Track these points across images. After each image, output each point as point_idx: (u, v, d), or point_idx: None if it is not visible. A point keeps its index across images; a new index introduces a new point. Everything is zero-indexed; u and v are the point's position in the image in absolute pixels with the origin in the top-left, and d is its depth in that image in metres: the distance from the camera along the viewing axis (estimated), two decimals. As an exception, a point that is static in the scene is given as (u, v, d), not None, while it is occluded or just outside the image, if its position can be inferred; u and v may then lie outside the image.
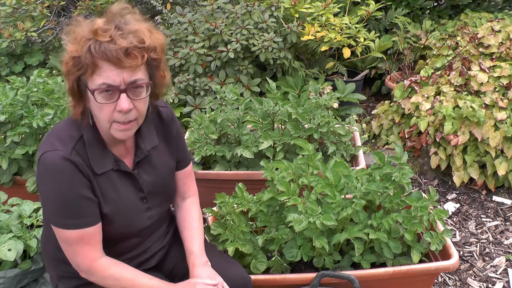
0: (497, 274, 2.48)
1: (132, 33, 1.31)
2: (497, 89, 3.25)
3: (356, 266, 1.92)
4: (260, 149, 2.48)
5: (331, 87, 3.69)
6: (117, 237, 1.52)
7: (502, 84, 3.23)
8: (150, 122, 1.56)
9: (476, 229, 2.81)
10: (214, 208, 1.98)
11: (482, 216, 2.92)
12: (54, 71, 3.88)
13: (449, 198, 3.09)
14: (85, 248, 1.42)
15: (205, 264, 1.59)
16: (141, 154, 1.53)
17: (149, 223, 1.57)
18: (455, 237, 2.76)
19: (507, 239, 2.72)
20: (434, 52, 4.01)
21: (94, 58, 1.28)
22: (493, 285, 2.41)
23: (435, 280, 2.41)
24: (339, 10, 4.05)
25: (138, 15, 1.38)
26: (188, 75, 3.54)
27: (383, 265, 1.92)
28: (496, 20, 4.10)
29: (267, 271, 1.90)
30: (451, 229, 2.81)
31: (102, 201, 1.44)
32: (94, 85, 1.31)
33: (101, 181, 1.44)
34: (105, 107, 1.34)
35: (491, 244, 2.69)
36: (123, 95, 1.33)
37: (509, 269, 2.50)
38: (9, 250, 1.88)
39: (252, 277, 1.76)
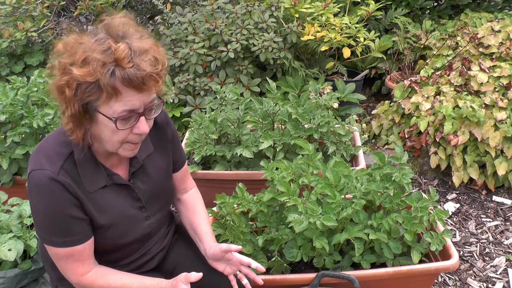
0: (497, 274, 2.48)
1: (147, 53, 1.24)
2: (497, 89, 3.25)
3: (356, 266, 1.92)
4: (260, 149, 2.48)
5: (331, 87, 3.69)
6: (117, 246, 1.52)
7: (502, 84, 3.23)
8: None
9: (476, 229, 2.81)
10: (214, 209, 1.98)
11: (482, 216, 2.92)
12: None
13: (449, 198, 3.09)
14: (74, 264, 1.41)
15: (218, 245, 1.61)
16: (136, 164, 1.50)
17: (149, 230, 1.57)
18: (455, 237, 2.76)
19: (507, 239, 2.72)
20: (434, 52, 4.01)
21: (116, 85, 1.21)
22: (493, 285, 2.42)
23: (435, 280, 2.42)
24: (339, 10, 4.05)
25: (138, 27, 1.31)
26: (188, 75, 3.54)
27: (383, 265, 1.92)
28: (496, 20, 4.10)
29: (267, 272, 1.91)
30: (451, 229, 2.81)
31: (97, 215, 1.41)
32: (114, 113, 1.25)
33: (95, 196, 1.41)
34: (121, 131, 1.30)
35: (491, 244, 2.69)
36: (142, 118, 1.30)
37: (509, 269, 2.50)
38: (9, 250, 1.88)
39: (252, 277, 1.77)
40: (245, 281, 1.57)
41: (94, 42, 1.22)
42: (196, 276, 1.44)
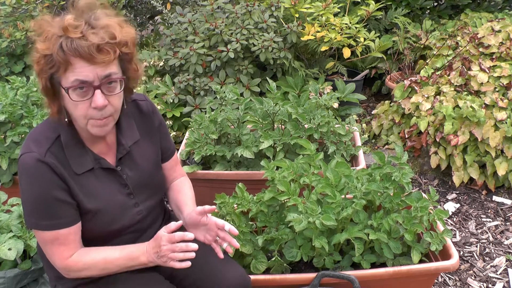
0: (497, 274, 2.48)
1: (103, 28, 1.31)
2: (497, 89, 3.25)
3: (356, 266, 1.92)
4: (260, 149, 2.48)
5: (331, 87, 3.68)
6: (109, 233, 1.52)
7: (502, 84, 3.23)
8: (130, 117, 1.56)
9: (476, 229, 2.81)
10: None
11: (482, 216, 2.92)
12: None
13: (449, 198, 3.09)
14: (60, 248, 1.43)
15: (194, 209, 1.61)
16: (123, 150, 1.53)
17: (139, 218, 1.57)
18: (455, 237, 2.76)
19: (507, 239, 2.72)
20: (434, 52, 4.01)
21: (66, 55, 1.28)
22: (493, 285, 2.41)
23: (435, 280, 2.41)
24: (339, 10, 4.04)
25: (108, 9, 1.38)
26: (188, 75, 3.54)
27: (383, 265, 1.92)
28: (496, 20, 4.10)
29: (267, 271, 1.91)
30: (451, 229, 2.81)
31: (84, 200, 1.44)
32: (68, 83, 1.31)
33: (82, 180, 1.44)
34: (80, 104, 1.34)
35: (491, 244, 2.69)
36: (98, 92, 1.33)
37: (509, 269, 2.50)
38: (9, 249, 1.88)
39: (252, 277, 1.77)
40: (225, 245, 1.57)
41: (58, 20, 1.32)
42: (176, 224, 1.45)
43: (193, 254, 1.44)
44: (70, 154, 1.42)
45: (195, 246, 1.43)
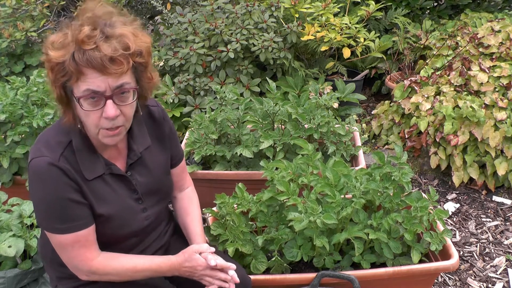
0: (497, 274, 2.48)
1: (117, 38, 1.28)
2: (497, 89, 3.25)
3: (356, 266, 1.92)
4: (260, 148, 2.48)
5: (331, 87, 3.69)
6: (115, 238, 1.52)
7: (502, 84, 3.23)
8: (142, 122, 1.55)
9: (476, 229, 2.81)
10: (214, 209, 1.98)
11: (482, 216, 2.92)
12: None
13: (449, 198, 3.09)
14: (80, 250, 1.41)
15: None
16: (134, 156, 1.52)
17: (147, 223, 1.57)
18: (455, 237, 2.76)
19: (507, 239, 2.72)
20: (434, 52, 4.01)
21: (78, 66, 1.26)
22: (493, 285, 2.42)
23: (435, 280, 2.42)
24: (339, 10, 4.04)
25: (124, 17, 1.36)
26: (188, 75, 3.54)
27: (383, 265, 1.92)
28: (496, 20, 4.10)
29: (267, 271, 1.91)
30: (451, 229, 2.81)
31: (95, 204, 1.43)
32: (79, 92, 1.29)
33: (93, 185, 1.43)
34: (91, 114, 1.32)
35: (491, 244, 2.69)
36: (109, 102, 1.31)
37: (509, 269, 2.50)
38: (9, 246, 1.88)
39: (252, 277, 1.77)
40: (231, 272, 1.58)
41: (74, 27, 1.29)
42: (210, 251, 1.52)
43: (227, 285, 1.53)
44: (81, 160, 1.40)
45: (235, 281, 1.52)
